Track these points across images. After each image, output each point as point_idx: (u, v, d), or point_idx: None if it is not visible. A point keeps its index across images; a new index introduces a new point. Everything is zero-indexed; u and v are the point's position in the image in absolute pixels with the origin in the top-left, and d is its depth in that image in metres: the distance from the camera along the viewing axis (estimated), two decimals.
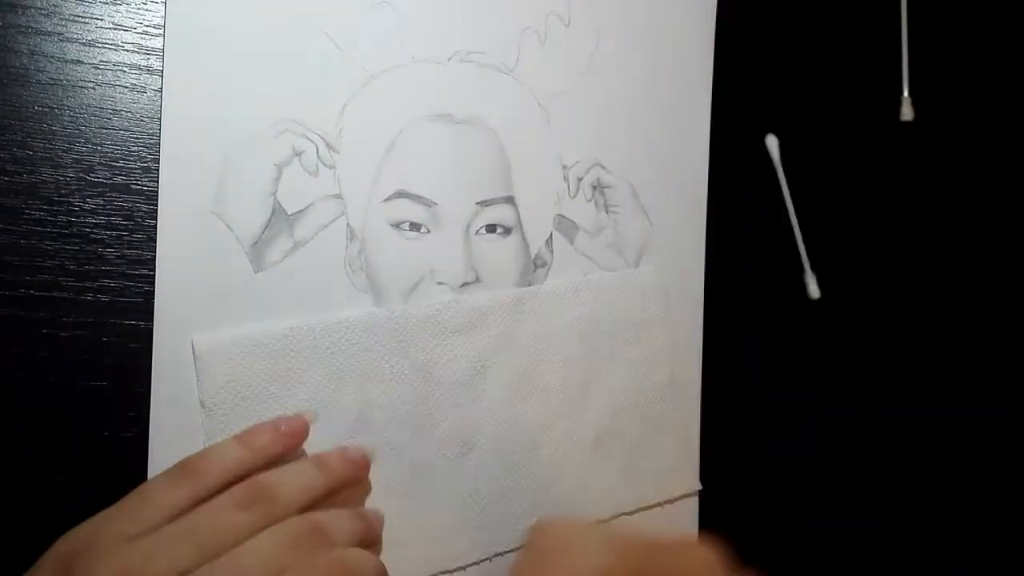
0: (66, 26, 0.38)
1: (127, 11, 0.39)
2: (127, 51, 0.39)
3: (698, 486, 0.46)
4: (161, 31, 0.39)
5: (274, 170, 0.39)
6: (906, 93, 0.51)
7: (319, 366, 0.39)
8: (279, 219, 0.39)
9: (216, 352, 0.38)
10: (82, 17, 0.39)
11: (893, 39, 0.51)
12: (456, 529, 0.41)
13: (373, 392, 0.40)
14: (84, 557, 0.30)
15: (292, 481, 0.34)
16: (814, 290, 0.49)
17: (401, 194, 0.41)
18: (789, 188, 0.48)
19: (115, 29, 0.39)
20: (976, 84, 0.53)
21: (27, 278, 0.38)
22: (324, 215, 0.40)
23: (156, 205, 0.38)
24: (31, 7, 0.38)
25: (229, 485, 0.33)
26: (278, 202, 0.39)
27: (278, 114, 0.39)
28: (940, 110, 0.52)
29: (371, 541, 0.37)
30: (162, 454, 0.37)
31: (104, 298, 0.38)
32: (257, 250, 0.39)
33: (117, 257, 0.38)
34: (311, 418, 0.38)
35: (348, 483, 0.37)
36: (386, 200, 0.41)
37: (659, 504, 0.45)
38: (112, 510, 0.32)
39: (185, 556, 0.30)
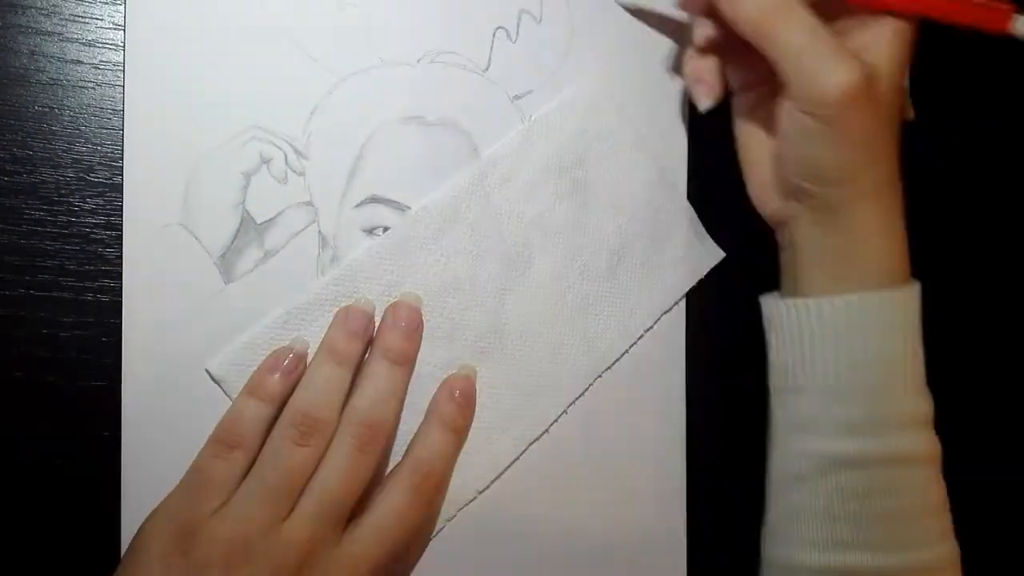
0: (66, 26, 0.39)
1: None
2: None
3: (721, 254, 0.46)
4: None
5: (242, 179, 0.39)
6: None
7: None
8: (248, 228, 0.39)
9: (233, 370, 0.38)
10: (82, 17, 0.39)
11: None
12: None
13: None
14: (190, 541, 0.33)
15: (323, 393, 0.36)
16: None
17: (373, 199, 0.41)
18: None
19: (115, 29, 0.39)
20: (976, 84, 0.53)
21: (27, 278, 0.38)
22: (295, 223, 0.40)
23: None
24: (31, 7, 0.38)
25: (267, 432, 0.36)
26: (247, 211, 0.39)
27: (244, 122, 0.39)
28: (940, 110, 0.52)
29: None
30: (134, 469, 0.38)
31: (104, 298, 0.38)
32: (226, 261, 0.39)
33: (117, 257, 0.38)
34: (303, 348, 0.38)
35: (361, 355, 0.38)
36: (358, 206, 0.41)
37: (684, 295, 0.45)
38: (180, 495, 0.35)
39: (273, 507, 0.34)
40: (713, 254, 0.46)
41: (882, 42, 0.37)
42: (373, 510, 0.36)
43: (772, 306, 0.41)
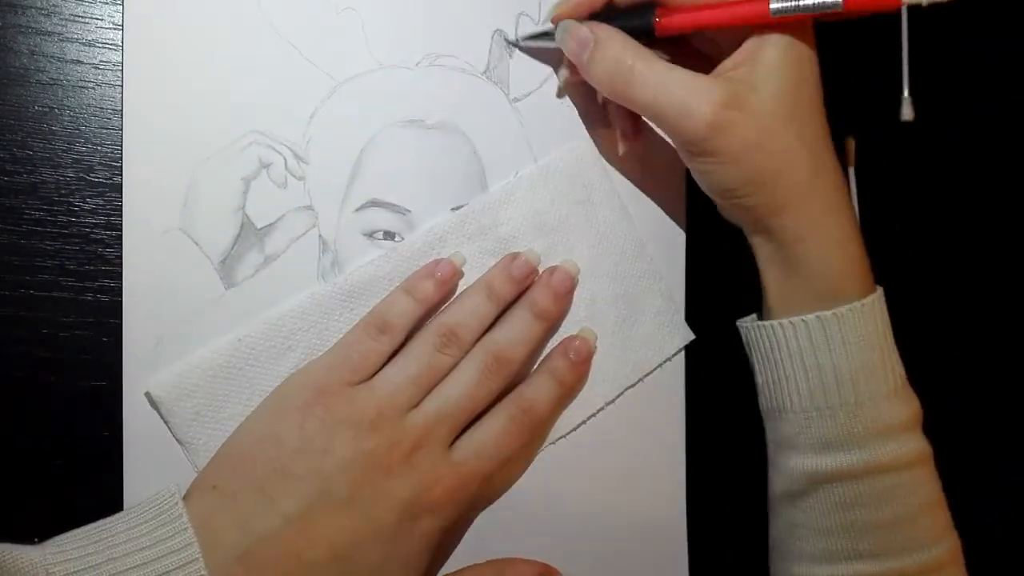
0: (66, 26, 0.38)
1: None
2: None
3: (691, 336, 0.45)
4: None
5: (242, 184, 0.39)
6: (906, 93, 0.51)
7: (279, 364, 0.39)
8: (248, 234, 0.39)
9: (173, 392, 0.37)
10: (82, 17, 0.39)
11: (893, 39, 0.51)
12: None
13: None
14: (330, 401, 0.37)
15: (469, 317, 0.39)
16: None
17: (374, 203, 0.41)
18: None
19: (115, 29, 0.39)
20: (976, 84, 0.53)
21: (27, 278, 0.38)
22: (295, 228, 0.40)
23: None
24: (31, 7, 0.38)
25: (410, 332, 0.39)
26: (247, 216, 0.39)
27: (244, 126, 0.39)
28: (940, 110, 0.52)
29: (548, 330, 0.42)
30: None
31: (104, 298, 0.38)
32: (227, 266, 0.39)
33: (117, 257, 0.38)
34: (460, 262, 0.41)
35: (512, 299, 0.41)
36: (358, 210, 0.41)
37: (659, 366, 0.45)
38: (325, 362, 0.38)
39: (409, 392, 0.37)
40: (683, 335, 0.45)
41: (755, 54, 0.37)
42: (476, 428, 0.39)
43: (746, 330, 0.42)
